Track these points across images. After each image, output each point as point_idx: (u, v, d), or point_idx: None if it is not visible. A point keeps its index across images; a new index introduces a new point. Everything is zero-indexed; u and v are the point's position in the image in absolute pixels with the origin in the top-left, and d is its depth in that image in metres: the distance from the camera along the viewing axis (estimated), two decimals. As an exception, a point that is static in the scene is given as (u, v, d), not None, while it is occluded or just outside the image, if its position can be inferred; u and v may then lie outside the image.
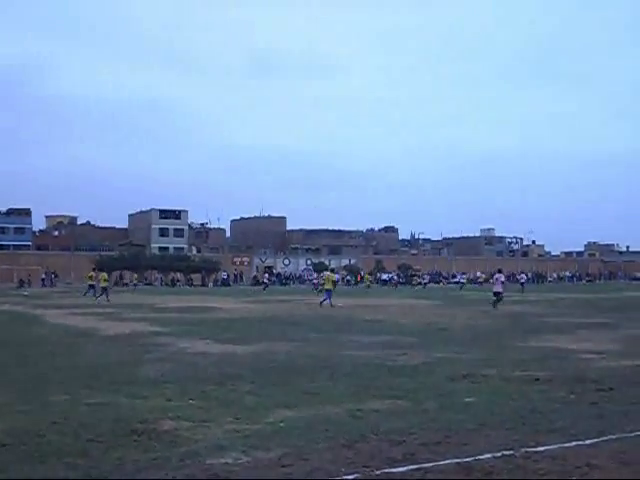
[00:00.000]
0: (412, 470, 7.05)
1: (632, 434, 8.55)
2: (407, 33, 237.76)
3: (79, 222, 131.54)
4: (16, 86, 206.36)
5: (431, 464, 7.25)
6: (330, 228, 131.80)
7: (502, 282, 36.42)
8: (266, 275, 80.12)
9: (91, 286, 45.10)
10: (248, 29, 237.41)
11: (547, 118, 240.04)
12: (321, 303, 37.53)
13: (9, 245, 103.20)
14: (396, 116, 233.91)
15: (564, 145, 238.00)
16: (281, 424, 9.10)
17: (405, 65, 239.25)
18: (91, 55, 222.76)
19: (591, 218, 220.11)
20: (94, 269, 49.64)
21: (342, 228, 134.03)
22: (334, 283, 40.85)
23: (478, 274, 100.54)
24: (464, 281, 71.92)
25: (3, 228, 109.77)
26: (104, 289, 43.36)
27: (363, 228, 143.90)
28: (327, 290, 38.92)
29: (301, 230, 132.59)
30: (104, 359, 15.74)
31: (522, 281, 69.61)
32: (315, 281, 68.31)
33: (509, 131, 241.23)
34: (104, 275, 45.32)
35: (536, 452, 7.70)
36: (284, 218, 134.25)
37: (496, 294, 35.47)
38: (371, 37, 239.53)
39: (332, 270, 44.50)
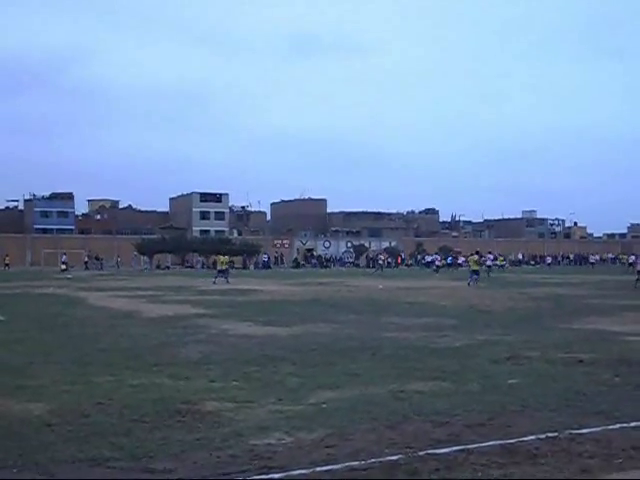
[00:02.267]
0: (456, 451, 7.02)
1: (679, 417, 8.44)
2: (444, 11, 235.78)
3: (121, 206, 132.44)
4: (60, 72, 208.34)
5: (475, 445, 7.22)
6: (370, 210, 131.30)
7: None
8: (381, 257, 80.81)
9: (220, 271, 45.43)
10: (286, 10, 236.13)
11: (591, 98, 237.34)
12: (468, 284, 40.11)
13: (53, 229, 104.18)
14: (435, 96, 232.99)
15: (608, 125, 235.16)
16: (324, 405, 9.12)
17: (442, 44, 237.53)
18: (131, 41, 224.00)
19: (635, 199, 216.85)
20: (221, 254, 50.51)
21: (382, 210, 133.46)
22: (478, 264, 43.32)
23: (519, 256, 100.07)
24: (439, 264, 70.90)
25: (47, 212, 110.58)
26: (223, 271, 45.18)
27: (403, 210, 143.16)
28: (472, 271, 41.61)
29: (341, 212, 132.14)
30: (147, 341, 15.89)
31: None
32: (438, 263, 71.41)
33: (551, 111, 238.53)
34: (225, 258, 47.02)
35: (580, 434, 7.65)
36: (324, 200, 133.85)
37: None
38: (408, 16, 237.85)
39: (477, 252, 45.44)
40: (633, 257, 39.79)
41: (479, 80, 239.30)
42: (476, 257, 43.22)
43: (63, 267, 69.04)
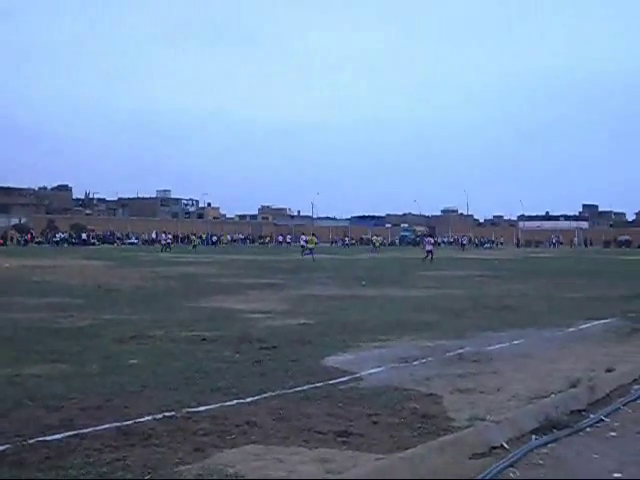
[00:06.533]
0: (68, 437, 6.74)
1: (291, 390, 8.85)
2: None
3: None
4: None
5: (89, 429, 6.99)
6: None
7: (432, 243, 52.11)
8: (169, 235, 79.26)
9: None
10: None
11: (222, 81, 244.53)
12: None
13: None
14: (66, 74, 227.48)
15: (234, 111, 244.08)
16: None
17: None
18: None
19: (265, 183, 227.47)
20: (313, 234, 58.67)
21: (12, 185, 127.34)
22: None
23: (154, 235, 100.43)
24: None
25: None
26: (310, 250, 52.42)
27: (35, 186, 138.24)
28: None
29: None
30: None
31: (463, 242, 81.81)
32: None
33: (189, 94, 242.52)
34: (313, 239, 54.89)
35: (197, 412, 7.70)
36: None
37: (428, 252, 48.95)
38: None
39: (430, 235, 52.87)
40: (428, 239, 53.22)
41: (111, 57, 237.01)
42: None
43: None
